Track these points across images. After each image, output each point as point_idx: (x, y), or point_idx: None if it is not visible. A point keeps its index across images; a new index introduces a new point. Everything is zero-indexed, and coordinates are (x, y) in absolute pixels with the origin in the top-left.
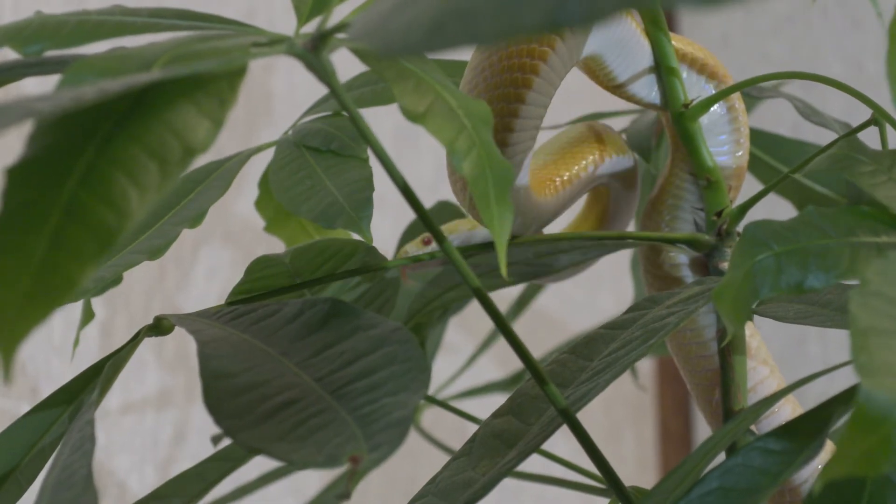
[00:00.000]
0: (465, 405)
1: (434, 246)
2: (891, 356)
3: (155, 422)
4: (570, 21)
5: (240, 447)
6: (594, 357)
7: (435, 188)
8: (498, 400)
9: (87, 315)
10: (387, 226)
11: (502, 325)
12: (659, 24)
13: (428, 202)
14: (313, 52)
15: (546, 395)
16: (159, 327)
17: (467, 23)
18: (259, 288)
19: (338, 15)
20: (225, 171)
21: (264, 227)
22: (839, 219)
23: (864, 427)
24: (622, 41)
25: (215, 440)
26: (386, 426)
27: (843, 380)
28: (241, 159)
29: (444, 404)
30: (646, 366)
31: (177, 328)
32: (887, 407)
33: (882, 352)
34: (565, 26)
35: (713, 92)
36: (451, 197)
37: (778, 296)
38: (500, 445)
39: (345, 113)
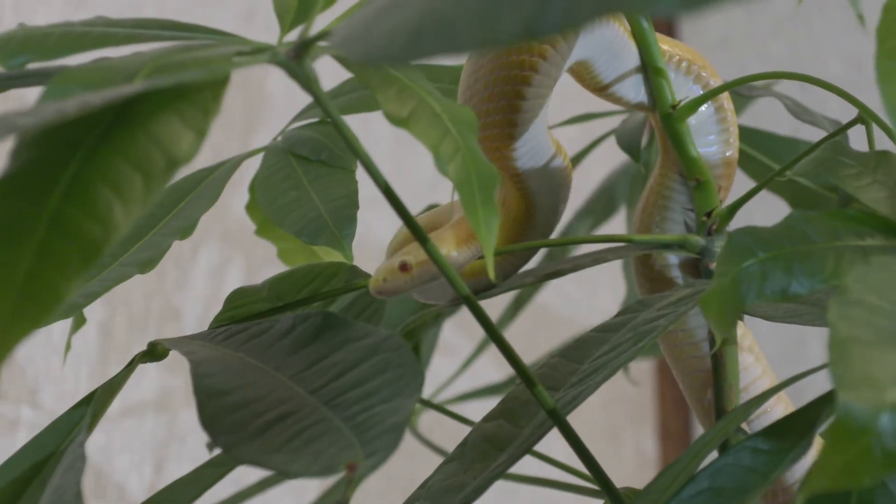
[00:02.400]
0: (465, 407)
1: (414, 274)
2: (870, 367)
3: (154, 423)
4: (549, 29)
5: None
6: (584, 360)
7: (433, 190)
8: (495, 402)
9: (79, 321)
10: (386, 226)
11: (490, 329)
12: (645, 26)
13: (425, 204)
14: (296, 61)
15: (535, 397)
16: (154, 353)
17: (447, 31)
18: (240, 316)
19: (322, 22)
20: (215, 180)
21: (255, 231)
22: (824, 223)
23: (843, 439)
24: (608, 44)
25: (210, 446)
26: (381, 432)
27: None
28: (231, 166)
29: (439, 408)
30: (645, 365)
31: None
32: (866, 419)
33: (861, 363)
34: (543, 34)
35: (701, 92)
36: (447, 200)
37: None
38: (492, 449)
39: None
